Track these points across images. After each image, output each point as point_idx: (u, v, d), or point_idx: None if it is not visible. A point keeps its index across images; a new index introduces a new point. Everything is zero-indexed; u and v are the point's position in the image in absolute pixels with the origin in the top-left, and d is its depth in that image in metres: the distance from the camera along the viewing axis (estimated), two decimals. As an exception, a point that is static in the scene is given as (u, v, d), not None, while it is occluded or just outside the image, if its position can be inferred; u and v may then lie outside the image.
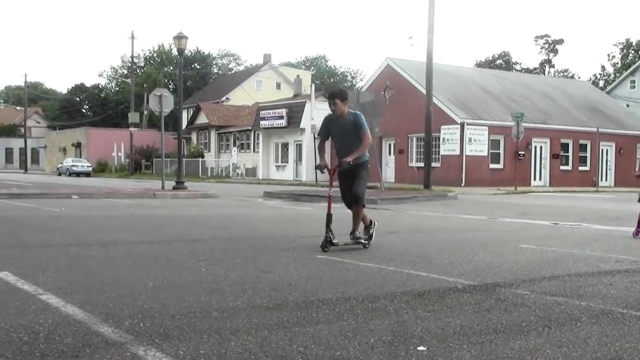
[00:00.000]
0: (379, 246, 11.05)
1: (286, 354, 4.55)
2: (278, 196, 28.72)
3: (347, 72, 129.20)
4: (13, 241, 11.21)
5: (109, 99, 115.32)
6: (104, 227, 14.13)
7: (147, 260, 8.83)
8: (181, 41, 32.22)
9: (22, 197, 24.92)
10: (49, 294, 6.39)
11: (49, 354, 4.48)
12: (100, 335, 4.95)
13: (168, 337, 4.91)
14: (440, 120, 42.48)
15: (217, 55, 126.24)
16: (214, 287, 6.92)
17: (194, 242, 11.16)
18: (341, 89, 11.50)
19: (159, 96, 30.14)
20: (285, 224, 15.74)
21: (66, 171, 71.39)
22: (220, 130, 71.06)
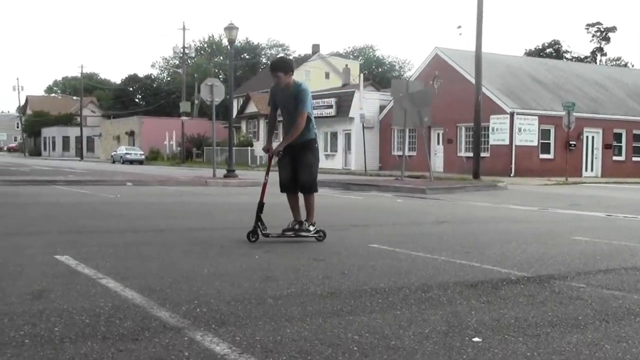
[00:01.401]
0: (430, 236, 11.04)
1: (341, 342, 4.58)
2: (327, 185, 28.69)
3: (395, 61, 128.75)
4: (72, 226, 11.40)
5: (161, 89, 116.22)
6: (157, 214, 14.29)
7: (201, 247, 8.93)
8: (232, 32, 32.41)
9: (79, 184, 25.26)
10: (108, 278, 6.52)
11: (110, 337, 4.57)
12: (159, 320, 5.04)
13: (224, 323, 4.98)
14: (489, 109, 42.17)
15: (266, 45, 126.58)
16: (268, 274, 6.98)
17: (246, 230, 11.22)
18: (284, 59, 10.56)
19: (211, 86, 30.36)
20: (334, 213, 15.73)
21: (120, 159, 72.20)
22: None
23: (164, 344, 4.42)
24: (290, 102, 9.69)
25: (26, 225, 11.64)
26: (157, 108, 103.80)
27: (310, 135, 9.82)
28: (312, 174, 9.93)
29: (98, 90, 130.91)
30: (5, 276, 6.63)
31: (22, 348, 4.30)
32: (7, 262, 7.46)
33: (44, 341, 4.46)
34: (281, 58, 10.38)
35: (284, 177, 9.97)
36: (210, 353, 4.28)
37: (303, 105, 9.55)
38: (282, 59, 10.38)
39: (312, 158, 9.94)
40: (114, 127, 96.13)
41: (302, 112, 9.53)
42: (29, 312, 5.17)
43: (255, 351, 4.32)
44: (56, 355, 4.17)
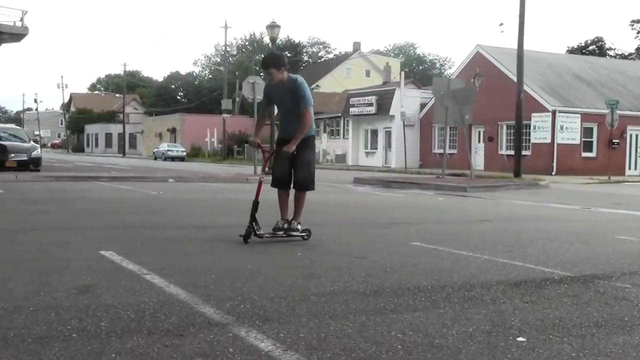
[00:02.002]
0: (471, 234, 10.99)
1: (385, 340, 4.59)
2: (368, 182, 28.72)
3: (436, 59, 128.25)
4: (115, 222, 11.51)
5: (203, 86, 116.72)
6: (199, 210, 14.38)
7: (242, 244, 8.94)
8: (274, 30, 32.53)
9: (122, 180, 25.50)
10: (153, 274, 6.58)
11: (156, 332, 4.62)
12: (203, 316, 5.07)
13: (268, 320, 5.00)
14: (530, 107, 41.86)
15: (307, 43, 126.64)
16: (310, 272, 7.01)
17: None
18: (275, 54, 9.93)
19: (252, 83, 30.49)
20: (376, 211, 15.74)
21: (162, 155, 72.78)
22: (310, 116, 71.27)
23: (209, 340, 4.46)
24: (286, 98, 9.27)
25: (71, 220, 11.78)
26: (198, 105, 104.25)
27: (309, 132, 9.42)
28: (311, 171, 9.62)
29: (140, 87, 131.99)
30: (52, 271, 6.72)
31: (70, 342, 4.36)
32: (54, 257, 7.56)
33: (90, 335, 4.51)
34: (272, 53, 9.76)
35: (278, 172, 9.59)
36: (255, 349, 4.30)
37: (306, 101, 9.15)
38: (273, 54, 9.86)
39: (311, 156, 9.64)
40: (156, 124, 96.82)
41: (306, 108, 9.15)
42: (75, 307, 5.23)
43: (299, 348, 4.34)
44: (103, 349, 4.22)
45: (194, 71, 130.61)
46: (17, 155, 29.33)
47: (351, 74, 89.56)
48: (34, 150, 31.08)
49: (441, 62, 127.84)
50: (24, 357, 4.05)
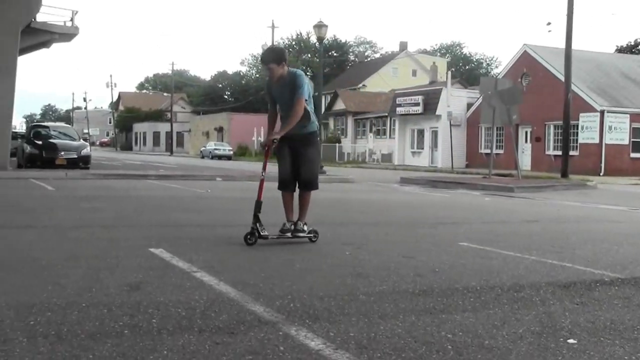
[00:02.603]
0: (519, 235, 10.92)
1: (435, 341, 4.58)
2: (414, 182, 28.64)
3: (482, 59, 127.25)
4: (164, 220, 11.63)
5: (250, 86, 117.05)
6: (247, 209, 14.31)
7: (291, 243, 8.98)
8: (321, 30, 32.59)
9: (170, 179, 25.72)
10: (202, 272, 6.63)
11: (206, 330, 4.65)
12: (253, 314, 5.10)
13: (318, 319, 5.02)
14: (578, 107, 41.43)
15: (353, 43, 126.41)
16: (359, 271, 7.01)
17: (335, 226, 11.28)
18: (274, 49, 9.36)
19: (300, 82, 30.51)
20: (423, 210, 15.70)
21: (209, 154, 73.26)
22: (356, 116, 71.30)
23: (259, 338, 4.48)
24: (286, 92, 8.88)
25: (121, 218, 11.91)
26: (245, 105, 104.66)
27: (311, 127, 9.09)
28: (315, 170, 9.32)
29: (188, 86, 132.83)
30: (103, 268, 6.81)
31: (122, 338, 4.41)
32: (105, 255, 7.65)
33: (142, 332, 4.56)
34: (271, 48, 9.19)
35: (284, 173, 9.27)
36: (305, 348, 4.32)
37: (300, 92, 8.71)
38: (272, 49, 9.25)
39: (315, 153, 9.32)
40: (203, 123, 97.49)
41: (298, 98, 8.70)
42: (127, 304, 5.29)
43: (349, 347, 4.35)
44: (154, 346, 4.27)
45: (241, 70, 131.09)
46: (67, 153, 29.71)
47: (397, 74, 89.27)
48: (84, 148, 31.45)
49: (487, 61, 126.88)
50: (77, 353, 4.10)
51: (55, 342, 4.30)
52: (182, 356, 4.10)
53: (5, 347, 4.17)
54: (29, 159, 30.06)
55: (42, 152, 29.90)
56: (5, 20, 27.45)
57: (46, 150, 29.96)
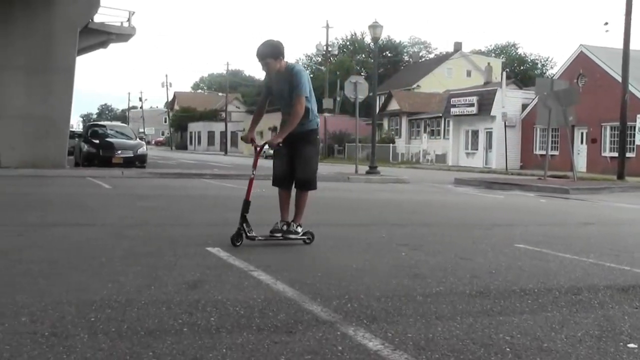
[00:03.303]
0: (576, 237, 10.79)
1: (493, 342, 4.55)
2: (468, 183, 28.47)
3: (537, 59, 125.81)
4: (220, 219, 11.71)
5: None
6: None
7: (347, 243, 9.02)
8: (376, 30, 32.54)
9: (225, 178, 25.88)
10: (259, 271, 6.67)
11: (265, 328, 4.68)
12: (311, 313, 5.12)
13: (375, 319, 5.02)
14: (636, 108, 40.66)
15: (408, 43, 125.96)
16: (416, 272, 6.99)
17: (390, 226, 11.27)
18: (271, 42, 8.59)
19: (354, 83, 30.55)
20: (478, 211, 15.59)
21: (263, 154, 73.13)
22: (411, 116, 71.05)
23: (317, 338, 4.50)
24: (286, 89, 8.52)
25: (177, 216, 12.02)
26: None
27: (311, 125, 8.72)
28: (312, 169, 8.86)
29: (242, 86, 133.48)
30: (161, 266, 6.88)
31: (182, 336, 4.46)
32: (163, 253, 7.73)
33: (201, 330, 4.61)
34: (267, 42, 8.55)
35: (278, 170, 8.93)
36: (364, 348, 4.32)
37: (300, 89, 8.35)
38: (269, 42, 8.60)
39: (313, 151, 8.83)
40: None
41: (298, 96, 8.35)
42: (185, 302, 5.34)
43: (407, 348, 4.34)
44: (214, 344, 4.30)
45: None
46: (124, 152, 30.09)
47: (452, 74, 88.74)
48: (140, 147, 31.78)
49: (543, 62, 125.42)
50: (137, 350, 4.16)
51: (115, 338, 4.36)
52: (242, 355, 4.13)
53: (67, 343, 4.23)
54: (86, 158, 30.50)
55: (99, 151, 30.32)
56: (64, 21, 27.88)
57: (103, 149, 30.37)
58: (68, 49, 28.19)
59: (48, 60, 27.61)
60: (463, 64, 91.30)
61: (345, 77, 40.66)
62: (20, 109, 27.41)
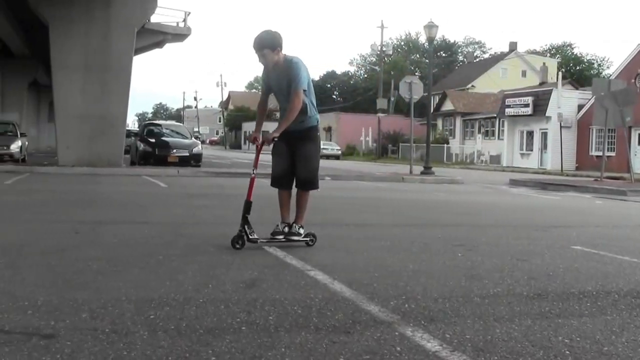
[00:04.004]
0: (634, 240, 10.65)
1: (552, 345, 4.51)
2: (524, 184, 28.21)
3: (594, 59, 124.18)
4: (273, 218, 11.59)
5: (358, 86, 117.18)
6: (356, 208, 14.48)
7: (403, 243, 8.99)
8: (431, 30, 32.43)
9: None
10: (316, 270, 6.70)
11: (323, 328, 4.69)
12: (369, 314, 5.12)
13: (433, 320, 5.00)
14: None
15: (462, 43, 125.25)
16: (473, 273, 6.95)
17: (446, 227, 11.22)
18: (268, 32, 8.16)
19: (409, 83, 30.45)
20: (534, 213, 15.43)
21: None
22: (465, 117, 70.67)
23: (375, 338, 4.49)
24: (284, 82, 8.15)
25: (233, 215, 12.01)
26: (353, 105, 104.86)
27: (311, 121, 8.40)
28: (313, 167, 8.49)
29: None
30: (218, 264, 6.94)
31: (240, 334, 4.49)
32: (219, 251, 7.80)
33: (259, 329, 4.63)
34: (265, 32, 8.12)
35: (277, 169, 8.54)
36: (422, 349, 4.31)
37: (297, 82, 7.98)
38: (267, 32, 8.16)
39: (314, 149, 8.49)
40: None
41: (296, 90, 7.97)
42: (243, 300, 5.38)
43: (466, 349, 4.32)
44: (272, 343, 4.32)
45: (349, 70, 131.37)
46: (179, 151, 30.31)
47: (507, 74, 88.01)
48: (195, 146, 31.99)
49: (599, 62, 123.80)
50: (196, 348, 4.19)
51: (175, 336, 4.40)
52: (300, 354, 4.14)
53: (127, 340, 4.29)
54: (142, 157, 30.81)
55: (155, 150, 30.59)
56: (122, 21, 28.20)
57: (159, 148, 30.63)
58: (125, 49, 28.50)
59: (105, 60, 27.94)
60: (518, 64, 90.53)
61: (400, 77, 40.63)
62: (77, 109, 27.77)
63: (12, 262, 6.83)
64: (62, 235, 8.87)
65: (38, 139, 56.16)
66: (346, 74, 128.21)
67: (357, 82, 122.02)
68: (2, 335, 4.31)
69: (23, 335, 4.35)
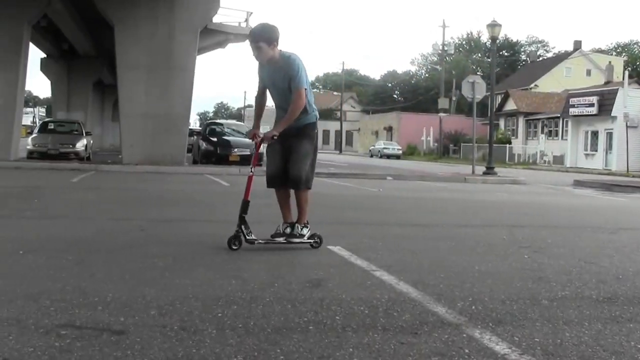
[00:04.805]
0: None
1: (624, 350, 4.41)
2: (588, 185, 27.82)
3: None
4: (339, 217, 11.76)
5: (419, 85, 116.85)
6: (420, 209, 14.43)
7: (468, 244, 8.91)
8: (494, 29, 32.18)
9: (341, 177, 26.02)
10: (382, 271, 6.65)
11: (390, 329, 4.66)
12: (436, 315, 5.08)
13: (501, 322, 4.94)
14: None
15: (525, 42, 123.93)
16: (540, 275, 6.84)
17: (511, 228, 11.09)
18: (265, 25, 7.87)
19: (472, 83, 30.22)
20: (600, 214, 15.18)
21: (377, 153, 73.55)
22: (528, 116, 69.98)
23: (443, 340, 4.45)
24: (279, 79, 7.83)
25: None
26: (414, 104, 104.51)
27: (309, 118, 8.06)
28: (305, 166, 8.01)
29: (358, 86, 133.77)
30: (283, 263, 6.98)
31: (308, 334, 4.48)
32: (283, 250, 7.83)
33: (327, 328, 4.62)
34: (262, 25, 7.85)
35: (272, 168, 8.16)
36: (491, 352, 4.26)
37: (298, 81, 7.69)
38: (264, 25, 7.86)
39: (309, 147, 8.05)
40: (372, 122, 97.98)
41: (298, 89, 7.68)
42: (309, 300, 5.38)
43: (535, 353, 4.26)
44: (340, 343, 4.31)
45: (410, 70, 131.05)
46: (240, 149, 30.35)
47: (571, 74, 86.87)
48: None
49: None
50: (265, 346, 4.20)
51: (243, 334, 4.42)
52: (369, 354, 4.12)
53: (196, 338, 4.31)
54: (204, 155, 31.03)
55: (216, 149, 30.77)
56: (185, 22, 28.47)
57: (221, 147, 30.79)
58: (189, 50, 28.77)
59: (169, 60, 28.23)
60: (583, 63, 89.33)
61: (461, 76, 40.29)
62: (141, 108, 28.10)
63: (81, 259, 6.93)
64: (129, 233, 8.98)
65: (102, 138, 56.94)
66: (407, 74, 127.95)
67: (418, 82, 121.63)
68: (74, 331, 4.38)
69: (94, 330, 4.40)
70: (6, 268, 6.34)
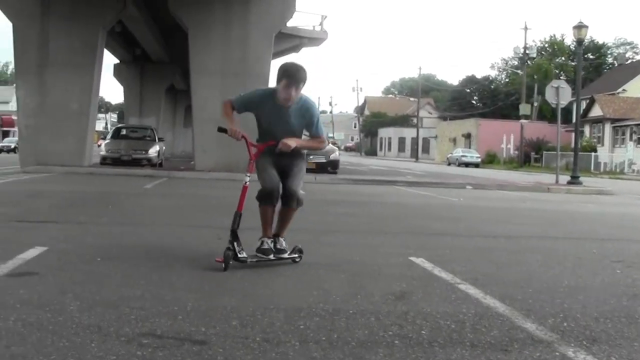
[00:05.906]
0: None
1: None
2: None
3: None
4: (419, 228, 11.59)
5: (499, 91, 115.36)
6: (502, 219, 14.14)
7: (555, 257, 8.64)
8: (581, 31, 31.45)
9: (418, 185, 25.77)
10: (467, 284, 6.50)
11: (478, 345, 4.52)
12: (525, 331, 4.90)
13: (596, 341, 4.73)
14: None
15: (612, 44, 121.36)
16: (635, 292, 6.58)
17: (601, 241, 10.75)
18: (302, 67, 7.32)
19: (556, 88, 29.59)
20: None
21: (455, 161, 72.66)
22: (615, 123, 68.47)
23: (535, 357, 4.29)
24: (291, 119, 7.36)
25: (375, 224, 11.98)
26: (494, 110, 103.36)
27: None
28: (301, 184, 7.66)
29: (435, 91, 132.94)
30: (364, 274, 6.85)
31: (393, 348, 4.36)
32: (364, 261, 7.70)
33: (413, 343, 4.50)
34: (298, 65, 7.35)
35: (271, 182, 7.41)
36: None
37: (318, 129, 7.50)
38: (301, 66, 7.35)
39: (303, 165, 7.75)
40: (450, 129, 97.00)
41: (320, 136, 7.54)
42: (394, 313, 5.26)
43: (636, 375, 4.05)
44: (427, 358, 4.19)
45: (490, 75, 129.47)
46: (316, 157, 30.22)
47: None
48: (333, 152, 31.92)
49: None
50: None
51: (327, 347, 4.33)
52: (458, 372, 3.97)
53: (279, 350, 4.24)
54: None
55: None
56: (260, 26, 28.34)
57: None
58: (263, 54, 28.64)
59: (244, 65, 28.10)
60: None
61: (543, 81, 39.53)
62: (215, 113, 27.88)
63: (158, 267, 6.92)
64: (205, 241, 8.96)
65: (173, 144, 57.53)
66: (486, 78, 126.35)
67: (498, 87, 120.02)
68: (155, 340, 4.35)
69: (175, 340, 4.37)
70: (85, 275, 6.35)
